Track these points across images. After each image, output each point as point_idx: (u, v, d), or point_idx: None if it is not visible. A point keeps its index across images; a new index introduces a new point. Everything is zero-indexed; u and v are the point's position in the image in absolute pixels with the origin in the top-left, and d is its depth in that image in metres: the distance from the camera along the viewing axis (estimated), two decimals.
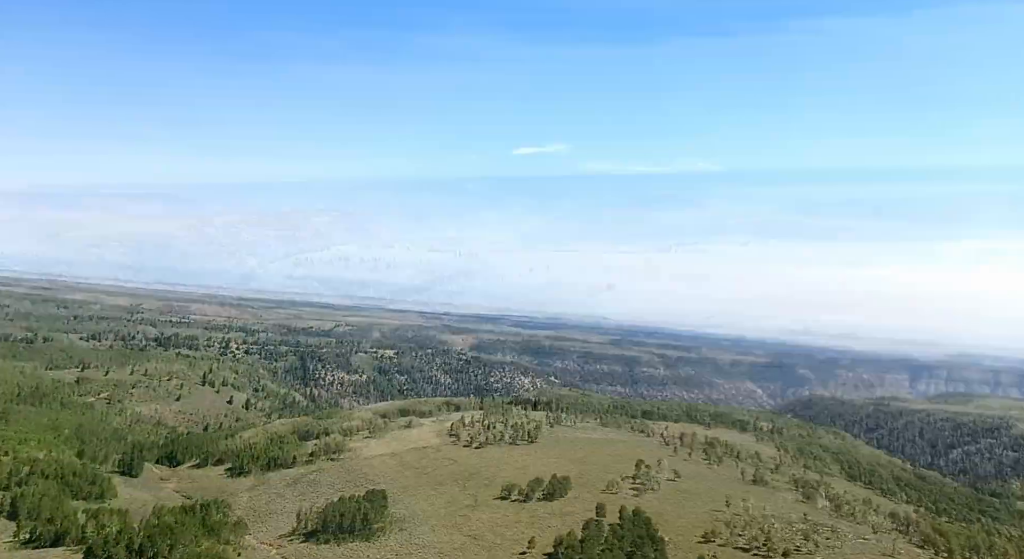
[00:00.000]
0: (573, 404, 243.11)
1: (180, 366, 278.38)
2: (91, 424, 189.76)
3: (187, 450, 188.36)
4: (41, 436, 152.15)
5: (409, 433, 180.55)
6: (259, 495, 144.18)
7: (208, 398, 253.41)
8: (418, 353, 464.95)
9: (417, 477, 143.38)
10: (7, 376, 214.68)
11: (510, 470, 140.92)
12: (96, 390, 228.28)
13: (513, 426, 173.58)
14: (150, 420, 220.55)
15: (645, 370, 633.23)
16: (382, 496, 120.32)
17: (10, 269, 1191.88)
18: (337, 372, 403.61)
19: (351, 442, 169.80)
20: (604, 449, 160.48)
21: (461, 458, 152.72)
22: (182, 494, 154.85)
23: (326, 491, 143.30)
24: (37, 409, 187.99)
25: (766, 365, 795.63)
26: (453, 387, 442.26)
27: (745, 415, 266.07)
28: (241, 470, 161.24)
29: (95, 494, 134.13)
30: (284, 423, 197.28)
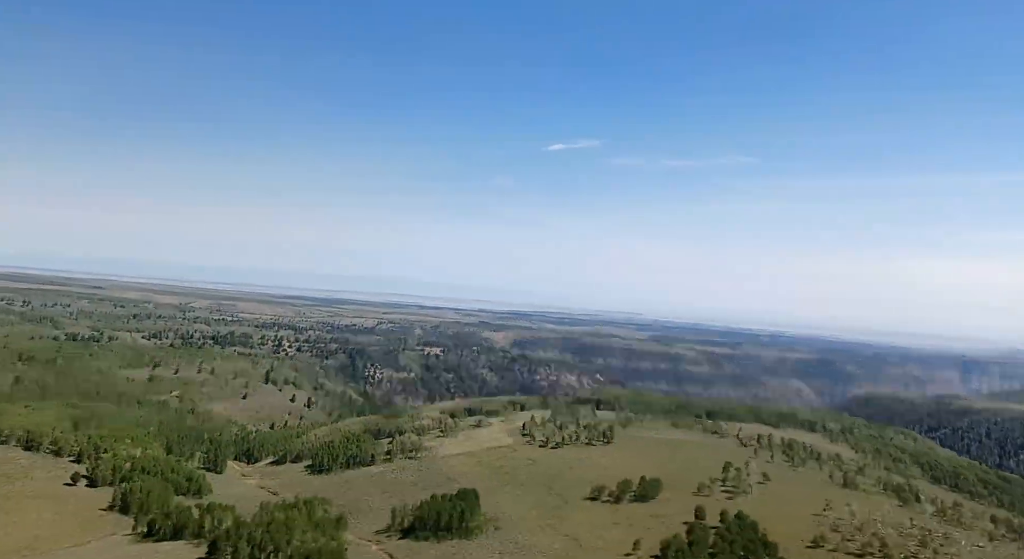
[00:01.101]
0: (633, 403, 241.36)
1: (244, 364, 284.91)
2: (170, 422, 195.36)
3: (263, 447, 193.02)
4: (132, 434, 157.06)
5: (480, 433, 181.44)
6: (345, 492, 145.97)
7: (272, 396, 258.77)
8: (463, 351, 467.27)
9: (498, 477, 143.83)
10: (87, 375, 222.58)
11: (593, 471, 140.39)
12: (168, 388, 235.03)
13: (586, 427, 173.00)
14: (221, 418, 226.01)
15: (690, 368, 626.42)
16: (474, 495, 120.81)
17: (62, 268, 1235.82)
18: (386, 370, 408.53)
19: (426, 441, 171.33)
20: (683, 451, 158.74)
21: (540, 458, 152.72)
22: (268, 490, 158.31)
23: (410, 489, 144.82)
24: (118, 408, 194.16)
25: (812, 362, 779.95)
26: (499, 385, 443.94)
27: (810, 415, 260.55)
28: (321, 467, 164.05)
29: (192, 490, 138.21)
30: (355, 422, 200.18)
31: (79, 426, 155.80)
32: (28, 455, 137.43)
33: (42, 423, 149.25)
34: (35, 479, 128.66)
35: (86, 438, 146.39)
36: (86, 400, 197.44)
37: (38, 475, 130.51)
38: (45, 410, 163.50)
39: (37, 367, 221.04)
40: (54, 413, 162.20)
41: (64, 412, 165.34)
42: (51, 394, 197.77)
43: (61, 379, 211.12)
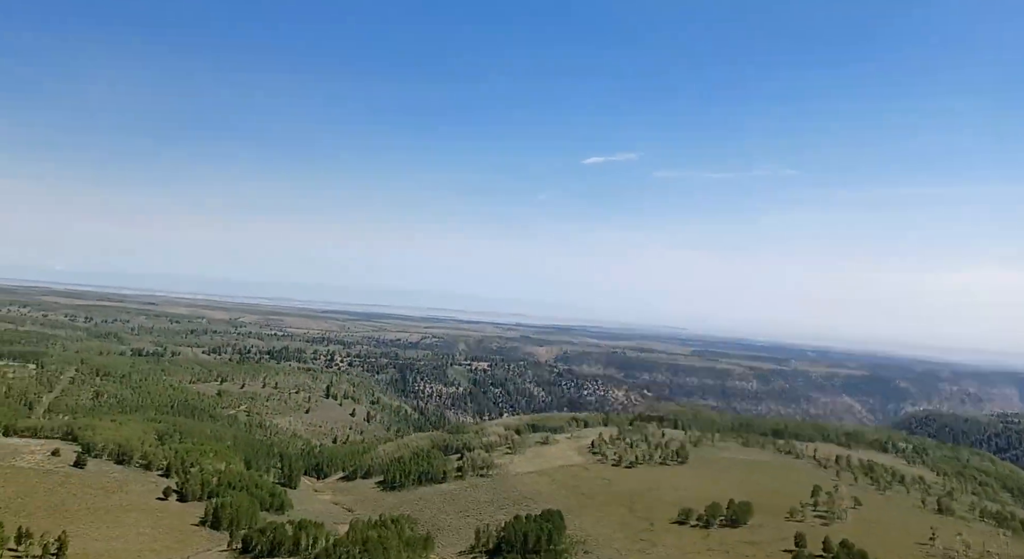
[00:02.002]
0: (695, 420, 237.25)
1: (305, 379, 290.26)
2: (241, 436, 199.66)
3: (331, 462, 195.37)
4: (214, 448, 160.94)
5: (548, 450, 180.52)
6: (421, 510, 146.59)
7: (333, 411, 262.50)
8: (510, 366, 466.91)
9: (575, 496, 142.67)
10: (161, 390, 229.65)
11: (673, 493, 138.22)
12: (235, 403, 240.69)
13: (657, 446, 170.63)
14: (286, 432, 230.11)
15: (737, 383, 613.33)
16: (559, 516, 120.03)
17: (112, 284, 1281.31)
18: (435, 384, 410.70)
19: (495, 458, 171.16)
20: (762, 472, 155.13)
21: (615, 478, 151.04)
22: (342, 506, 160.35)
23: (485, 508, 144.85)
24: (192, 422, 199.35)
25: (862, 378, 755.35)
26: (546, 400, 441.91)
27: (876, 433, 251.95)
28: (393, 484, 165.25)
29: (275, 506, 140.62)
30: (421, 437, 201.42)
31: (163, 440, 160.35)
32: (120, 469, 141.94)
33: (130, 437, 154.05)
34: (130, 492, 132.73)
35: (173, 452, 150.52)
36: (163, 414, 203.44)
37: (132, 488, 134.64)
38: (130, 424, 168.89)
39: (114, 382, 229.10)
40: (140, 427, 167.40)
41: (148, 426, 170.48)
42: (129, 408, 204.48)
43: (137, 394, 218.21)
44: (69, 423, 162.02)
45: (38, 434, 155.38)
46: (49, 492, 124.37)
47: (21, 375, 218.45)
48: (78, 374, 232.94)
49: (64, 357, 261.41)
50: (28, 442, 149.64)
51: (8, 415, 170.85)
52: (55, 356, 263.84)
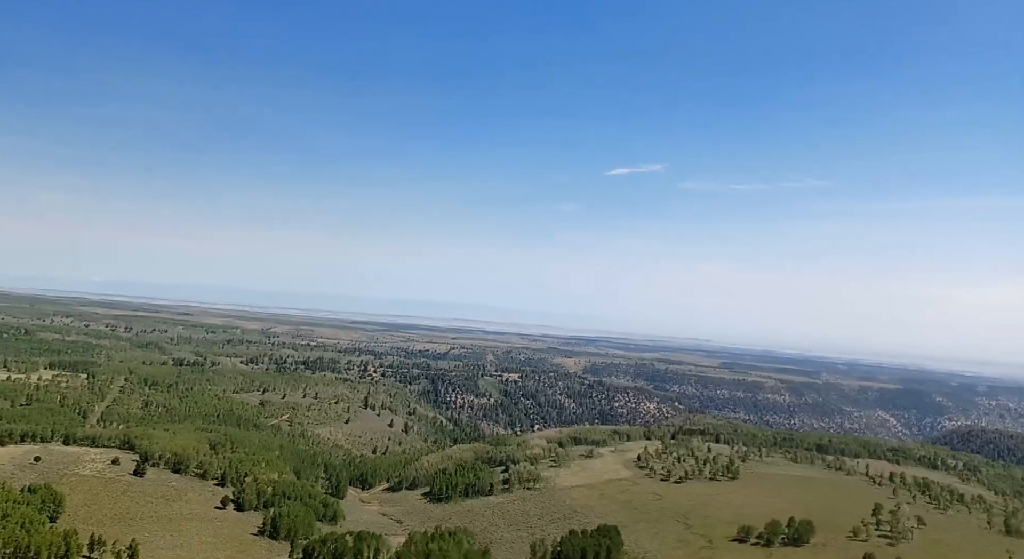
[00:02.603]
0: (734, 434, 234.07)
1: (343, 390, 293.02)
2: (288, 446, 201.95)
3: (375, 473, 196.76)
4: (265, 458, 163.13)
5: (594, 463, 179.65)
6: (470, 522, 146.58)
7: (372, 421, 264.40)
8: (540, 377, 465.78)
9: (627, 511, 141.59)
10: (207, 399, 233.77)
11: (728, 509, 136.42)
12: (278, 412, 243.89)
13: (705, 460, 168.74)
14: (328, 442, 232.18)
15: (769, 396, 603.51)
16: (615, 531, 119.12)
17: (149, 295, 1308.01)
18: (466, 395, 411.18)
19: (541, 471, 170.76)
20: (816, 488, 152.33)
21: (666, 493, 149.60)
22: (391, 517, 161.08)
23: (536, 521, 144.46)
24: (240, 431, 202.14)
25: (896, 392, 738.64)
26: (577, 412, 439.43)
27: (925, 450, 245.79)
28: (440, 496, 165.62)
29: (328, 516, 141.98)
30: (464, 448, 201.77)
31: (216, 449, 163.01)
32: (178, 478, 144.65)
33: (185, 446, 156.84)
34: (189, 501, 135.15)
35: (227, 462, 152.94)
36: (209, 423, 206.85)
37: (191, 497, 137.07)
38: (184, 433, 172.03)
39: (161, 391, 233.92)
40: (193, 436, 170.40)
41: (200, 435, 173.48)
42: (178, 417, 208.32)
43: (184, 403, 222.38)
44: (126, 432, 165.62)
45: (96, 443, 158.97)
46: (113, 500, 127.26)
47: (74, 384, 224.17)
48: (127, 383, 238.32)
49: (113, 367, 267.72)
50: (88, 450, 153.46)
51: (65, 424, 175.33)
52: (104, 366, 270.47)
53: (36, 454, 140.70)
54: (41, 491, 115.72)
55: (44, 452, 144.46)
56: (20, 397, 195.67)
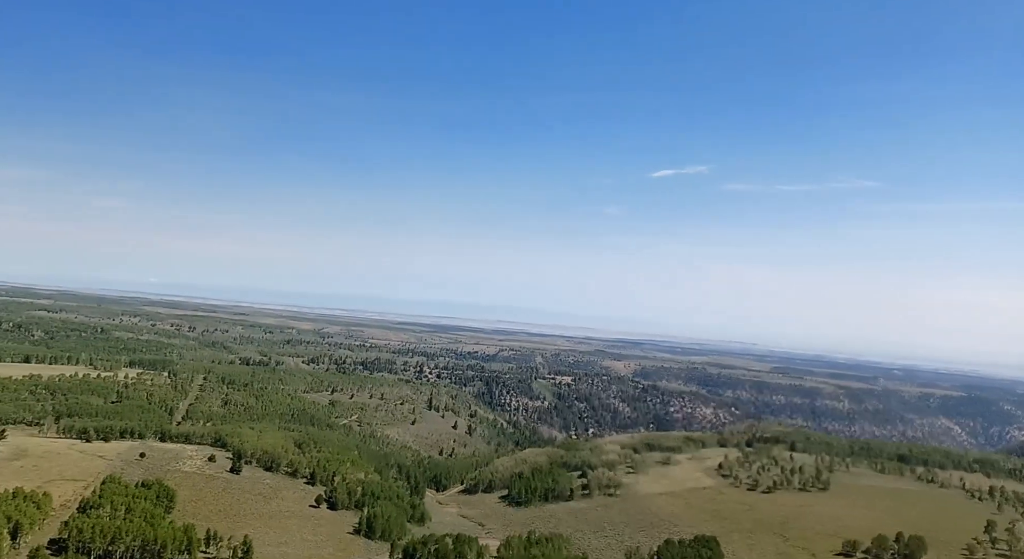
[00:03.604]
0: (806, 442, 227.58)
1: (407, 391, 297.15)
2: (363, 446, 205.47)
3: (449, 475, 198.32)
4: (349, 457, 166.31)
5: (672, 470, 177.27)
6: (554, 527, 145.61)
7: (436, 422, 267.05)
8: (593, 380, 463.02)
9: (717, 521, 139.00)
10: (281, 398, 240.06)
11: (826, 521, 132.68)
12: (347, 412, 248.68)
13: (791, 470, 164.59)
14: (397, 442, 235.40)
15: (827, 402, 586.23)
16: (715, 542, 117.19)
17: (202, 296, 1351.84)
18: (520, 398, 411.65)
19: (620, 477, 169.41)
20: (913, 502, 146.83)
21: (755, 504, 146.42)
22: (471, 520, 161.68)
23: (622, 529, 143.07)
24: (320, 431, 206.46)
25: (959, 399, 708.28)
26: (631, 416, 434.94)
27: (1011, 462, 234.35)
28: (518, 499, 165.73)
29: (416, 517, 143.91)
30: (537, 453, 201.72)
31: (302, 448, 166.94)
32: (271, 476, 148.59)
33: (274, 445, 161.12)
34: (285, 499, 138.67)
35: (315, 461, 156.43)
36: (286, 422, 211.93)
37: (286, 495, 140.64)
38: (270, 432, 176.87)
39: (238, 390, 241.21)
40: (280, 435, 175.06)
41: (286, 434, 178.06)
42: (256, 416, 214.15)
43: (260, 402, 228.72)
44: (217, 430, 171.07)
45: (190, 440, 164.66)
46: (217, 496, 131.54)
47: (158, 383, 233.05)
48: (206, 382, 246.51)
49: (191, 366, 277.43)
50: (184, 447, 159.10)
51: (156, 421, 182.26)
52: (181, 365, 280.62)
53: (140, 450, 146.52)
54: (155, 486, 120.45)
55: (145, 448, 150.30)
56: (111, 394, 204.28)
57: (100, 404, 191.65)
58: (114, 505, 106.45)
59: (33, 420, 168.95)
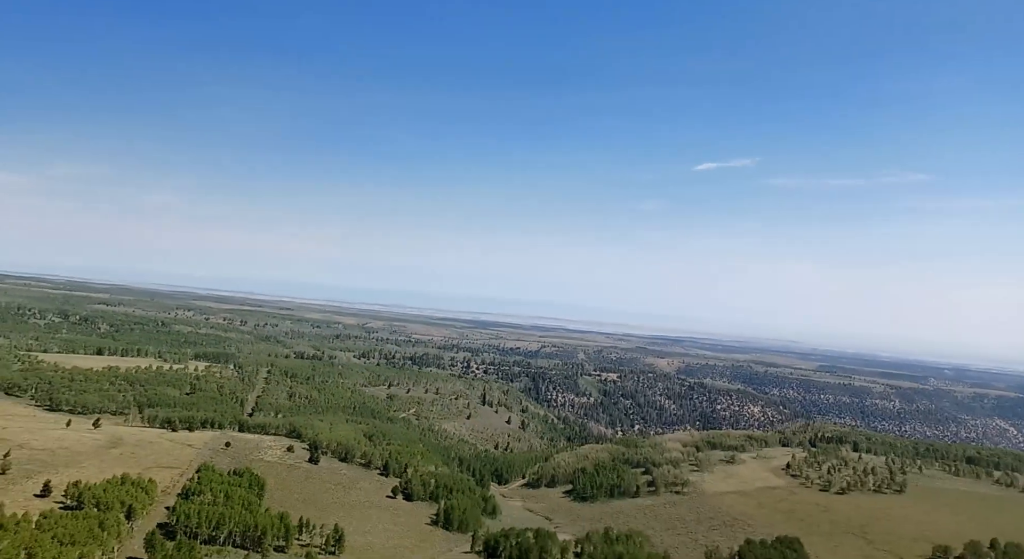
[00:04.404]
0: (868, 442, 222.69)
1: (460, 386, 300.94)
2: (423, 439, 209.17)
3: (510, 469, 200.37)
4: (418, 450, 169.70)
5: (738, 469, 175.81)
6: (624, 523, 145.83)
7: (490, 418, 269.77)
8: (639, 377, 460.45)
9: (792, 522, 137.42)
10: (342, 392, 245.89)
11: (908, 525, 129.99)
12: (405, 406, 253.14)
13: (865, 471, 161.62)
14: (454, 436, 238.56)
15: (877, 402, 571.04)
16: (798, 543, 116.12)
17: (246, 290, 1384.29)
18: (567, 394, 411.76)
19: (685, 475, 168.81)
20: (998, 507, 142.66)
21: (829, 505, 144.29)
22: (537, 514, 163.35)
23: (694, 527, 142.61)
24: (386, 424, 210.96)
25: (1017, 401, 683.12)
26: (677, 413, 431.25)
27: None
28: (583, 495, 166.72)
29: (488, 510, 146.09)
30: (597, 448, 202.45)
31: (372, 440, 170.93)
32: (346, 466, 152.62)
33: (346, 437, 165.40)
34: (362, 490, 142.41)
35: (386, 453, 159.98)
36: (349, 415, 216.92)
37: (363, 486, 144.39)
38: (339, 425, 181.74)
39: (301, 383, 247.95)
40: (350, 428, 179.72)
41: (355, 427, 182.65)
42: (320, 408, 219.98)
43: (322, 395, 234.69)
44: (291, 422, 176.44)
45: (267, 431, 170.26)
46: (300, 485, 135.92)
47: (226, 375, 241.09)
48: (270, 375, 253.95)
49: (254, 359, 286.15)
50: (262, 438, 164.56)
51: (230, 412, 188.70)
52: (244, 358, 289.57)
53: (224, 440, 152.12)
54: (246, 475, 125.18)
55: (227, 438, 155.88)
56: (185, 386, 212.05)
57: (176, 395, 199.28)
58: (213, 492, 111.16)
59: (117, 410, 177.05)
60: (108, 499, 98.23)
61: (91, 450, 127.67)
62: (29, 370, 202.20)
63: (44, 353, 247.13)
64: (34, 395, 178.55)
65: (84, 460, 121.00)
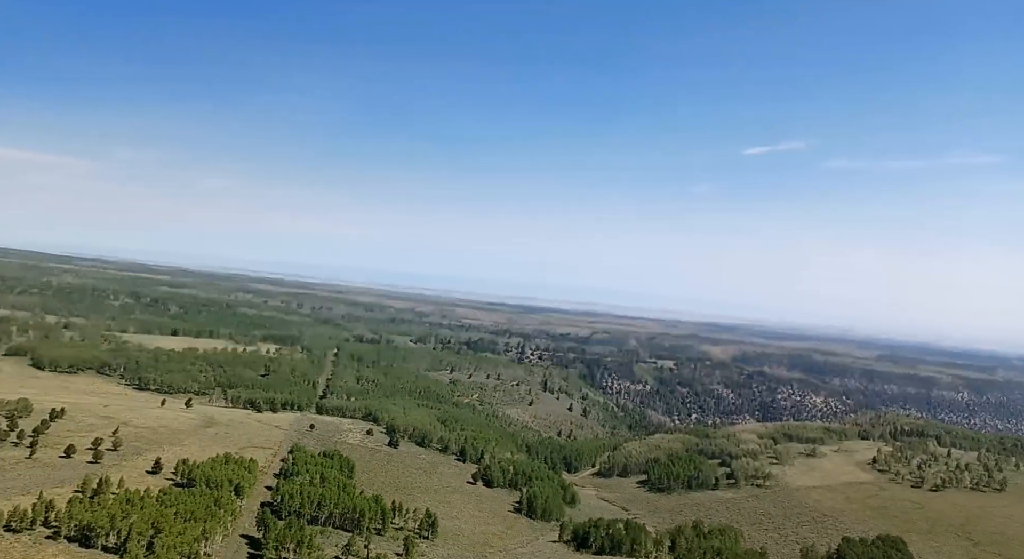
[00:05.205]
0: (950, 437, 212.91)
1: (520, 372, 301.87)
2: (490, 425, 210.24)
3: (578, 457, 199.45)
4: (491, 436, 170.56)
5: (820, 463, 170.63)
6: (705, 517, 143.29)
7: (551, 404, 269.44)
8: (696, 366, 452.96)
9: (885, 520, 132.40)
10: (407, 376, 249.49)
11: (1015, 525, 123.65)
12: (468, 392, 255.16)
13: (957, 467, 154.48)
14: (518, 422, 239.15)
15: (944, 393, 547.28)
16: (901, 543, 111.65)
17: (293, 274, 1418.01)
18: (622, 381, 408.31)
19: (766, 468, 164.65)
20: None
21: (925, 502, 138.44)
22: (612, 503, 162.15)
23: (782, 522, 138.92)
24: (454, 409, 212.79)
25: None
26: (736, 402, 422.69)
27: None
28: (659, 485, 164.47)
29: (567, 498, 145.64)
30: (669, 438, 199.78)
31: (447, 425, 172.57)
32: (424, 451, 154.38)
33: (421, 421, 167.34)
34: (443, 474, 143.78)
35: (462, 438, 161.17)
36: (415, 399, 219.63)
37: (443, 471, 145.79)
38: (412, 410, 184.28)
39: (367, 366, 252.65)
40: (423, 412, 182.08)
41: (427, 412, 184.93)
42: (387, 392, 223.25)
43: (389, 379, 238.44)
44: (367, 405, 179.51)
45: (344, 413, 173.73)
46: (384, 469, 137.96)
47: (296, 357, 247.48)
48: (337, 358, 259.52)
49: (320, 342, 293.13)
50: (341, 420, 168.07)
51: (304, 394, 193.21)
52: (311, 340, 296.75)
53: (306, 422, 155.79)
54: (336, 457, 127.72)
55: (309, 420, 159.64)
56: (259, 367, 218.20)
57: (252, 376, 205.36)
58: (309, 473, 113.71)
59: (200, 390, 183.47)
60: (217, 477, 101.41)
61: (189, 429, 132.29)
62: (117, 350, 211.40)
63: (123, 333, 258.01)
64: (123, 374, 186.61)
65: (184, 438, 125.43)
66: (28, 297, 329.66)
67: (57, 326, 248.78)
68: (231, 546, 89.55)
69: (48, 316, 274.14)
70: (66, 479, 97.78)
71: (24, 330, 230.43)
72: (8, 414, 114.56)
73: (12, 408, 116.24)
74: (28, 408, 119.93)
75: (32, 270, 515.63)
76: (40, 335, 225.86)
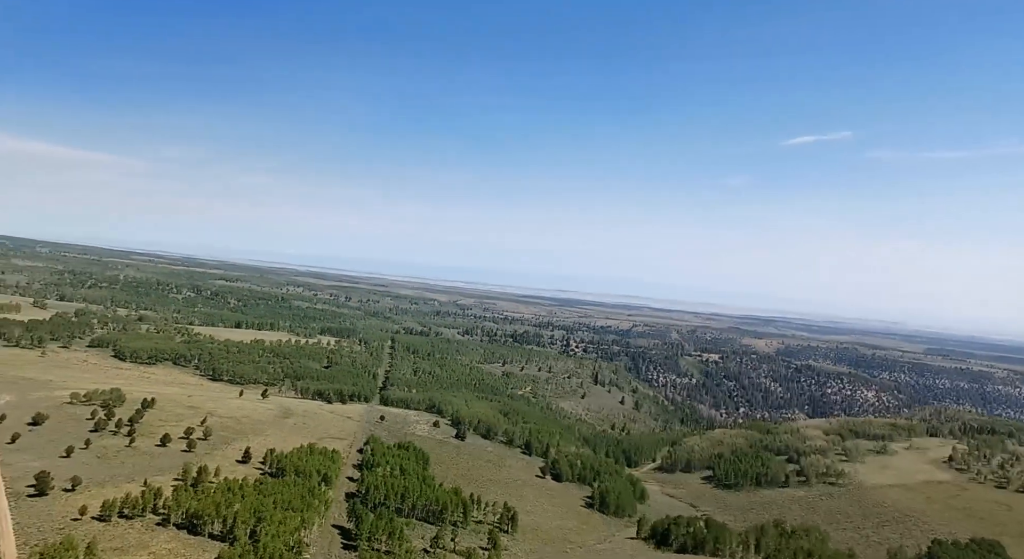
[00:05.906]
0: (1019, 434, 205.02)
1: (571, 365, 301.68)
2: (546, 417, 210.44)
3: (637, 451, 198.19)
4: (554, 429, 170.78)
5: (893, 461, 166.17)
6: (781, 515, 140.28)
7: (603, 397, 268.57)
8: (742, 359, 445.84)
9: (972, 521, 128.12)
10: (462, 369, 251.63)
11: None
12: (521, 384, 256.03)
13: None
14: (571, 415, 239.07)
15: (1000, 388, 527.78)
16: (999, 547, 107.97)
17: (336, 267, 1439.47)
18: (667, 374, 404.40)
19: (837, 465, 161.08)
20: None
21: (1014, 504, 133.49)
22: (682, 501, 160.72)
23: (860, 522, 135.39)
24: (514, 402, 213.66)
25: None
26: (784, 396, 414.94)
27: None
28: (726, 482, 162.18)
29: (637, 494, 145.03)
30: (732, 433, 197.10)
31: (509, 418, 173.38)
32: (490, 444, 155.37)
33: (484, 414, 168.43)
34: (511, 468, 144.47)
35: (526, 431, 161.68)
36: (471, 391, 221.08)
37: (511, 464, 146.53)
38: (474, 402, 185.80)
39: (422, 358, 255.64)
40: (485, 405, 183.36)
41: (489, 404, 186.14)
42: (444, 384, 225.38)
43: (444, 371, 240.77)
44: (430, 397, 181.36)
45: (408, 405, 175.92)
46: (454, 461, 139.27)
47: (355, 350, 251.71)
48: (393, 350, 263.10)
49: (377, 335, 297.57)
50: (407, 412, 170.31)
51: (366, 386, 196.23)
52: (366, 333, 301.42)
53: (376, 414, 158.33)
54: (411, 449, 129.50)
55: (378, 412, 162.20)
56: (322, 359, 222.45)
57: (316, 368, 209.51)
58: (389, 464, 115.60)
59: (269, 380, 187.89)
60: (305, 467, 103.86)
61: (269, 419, 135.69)
62: (190, 342, 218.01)
63: (190, 325, 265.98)
64: (197, 365, 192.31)
65: (266, 429, 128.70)
66: (98, 291, 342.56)
67: (131, 319, 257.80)
68: (325, 536, 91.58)
69: (119, 309, 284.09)
70: (165, 467, 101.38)
71: (103, 323, 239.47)
72: (104, 403, 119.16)
73: (107, 398, 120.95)
74: (121, 398, 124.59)
75: (95, 264, 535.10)
76: (119, 327, 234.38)
